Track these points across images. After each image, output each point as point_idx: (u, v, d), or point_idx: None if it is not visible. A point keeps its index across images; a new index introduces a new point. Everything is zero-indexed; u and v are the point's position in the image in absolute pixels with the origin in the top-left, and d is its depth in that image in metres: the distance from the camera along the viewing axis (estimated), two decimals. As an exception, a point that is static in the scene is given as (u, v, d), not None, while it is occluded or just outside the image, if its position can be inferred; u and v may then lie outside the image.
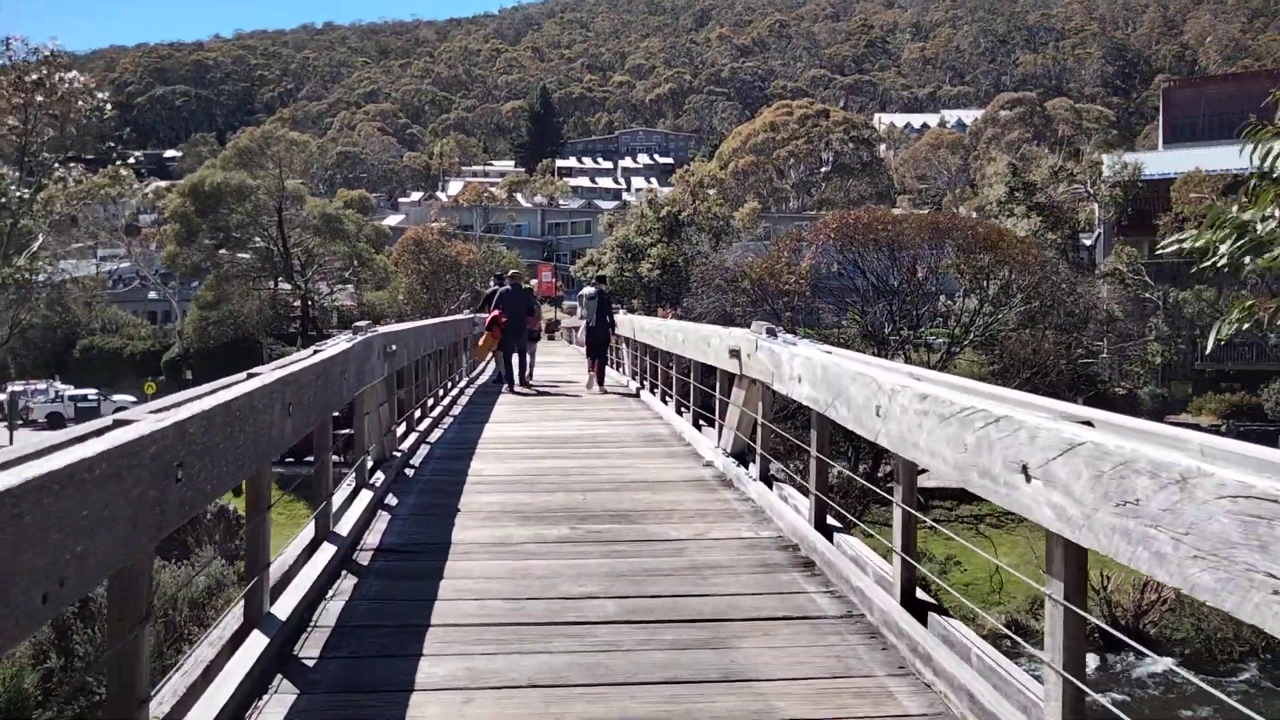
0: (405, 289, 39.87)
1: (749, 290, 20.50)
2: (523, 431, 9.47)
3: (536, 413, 11.29)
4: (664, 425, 9.64)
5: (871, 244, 19.13)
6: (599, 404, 12.19)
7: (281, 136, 39.98)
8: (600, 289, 14.25)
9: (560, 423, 10.23)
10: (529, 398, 13.18)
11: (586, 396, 13.09)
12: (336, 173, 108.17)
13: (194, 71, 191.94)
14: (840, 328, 19.96)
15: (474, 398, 12.86)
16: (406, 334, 7.44)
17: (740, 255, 24.37)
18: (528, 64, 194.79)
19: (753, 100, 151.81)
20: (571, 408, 11.94)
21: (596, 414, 11.06)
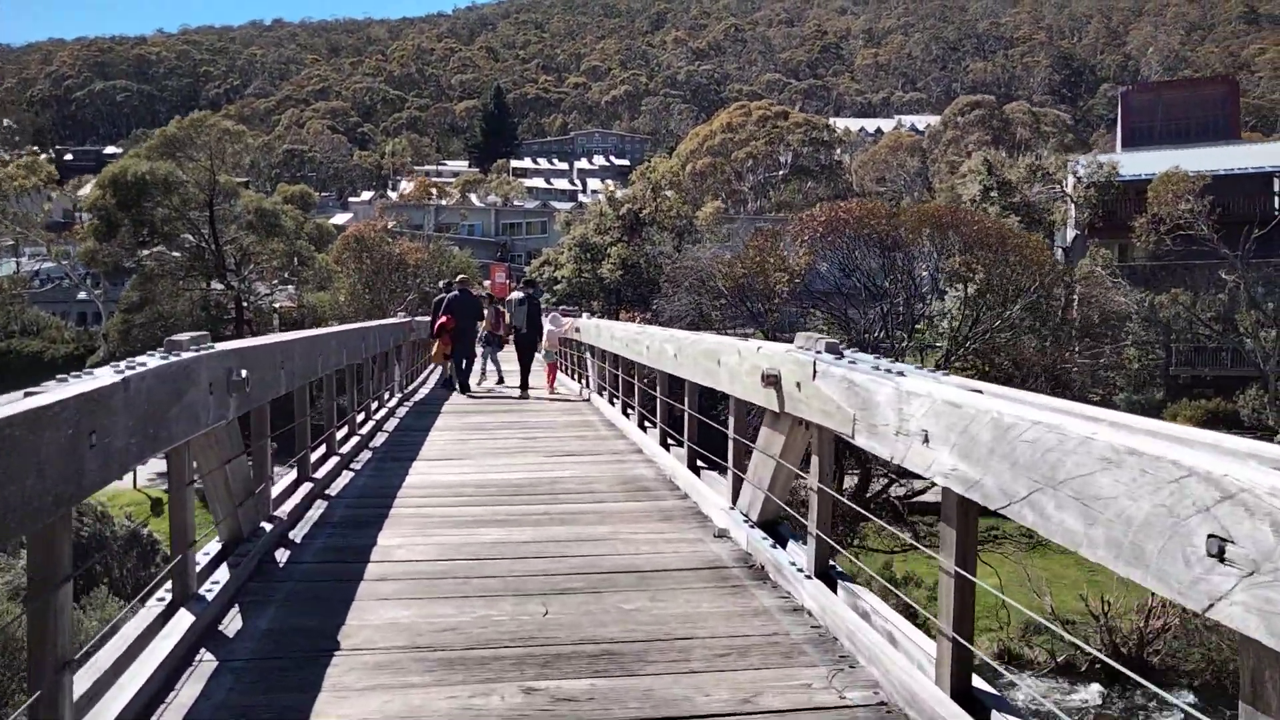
0: (347, 290, 37.27)
1: (725, 291, 18.61)
2: (460, 474, 7.25)
3: (480, 440, 9.17)
4: (646, 463, 7.59)
5: (864, 239, 17.29)
6: (559, 428, 10.10)
7: (214, 125, 37.08)
8: (529, 294, 14.31)
9: (511, 457, 8.09)
10: (472, 416, 11.11)
11: (546, 417, 11.03)
12: (284, 171, 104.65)
13: (136, 66, 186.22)
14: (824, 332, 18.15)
15: (406, 420, 10.67)
16: (276, 350, 5.14)
17: (717, 253, 22.41)
18: (482, 64, 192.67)
19: (709, 103, 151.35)
20: (525, 432, 9.83)
21: (558, 443, 8.96)
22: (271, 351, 5.04)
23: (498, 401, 13.28)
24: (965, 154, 75.14)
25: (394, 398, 11.66)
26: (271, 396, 4.97)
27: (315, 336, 6.69)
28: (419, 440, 8.90)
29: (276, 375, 5.06)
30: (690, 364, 5.97)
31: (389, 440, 9.07)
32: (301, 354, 5.70)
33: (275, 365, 5.02)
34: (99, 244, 33.99)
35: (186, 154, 36.85)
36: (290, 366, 5.34)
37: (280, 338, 6.31)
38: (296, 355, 5.57)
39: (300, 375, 5.76)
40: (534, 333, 14.16)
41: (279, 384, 5.13)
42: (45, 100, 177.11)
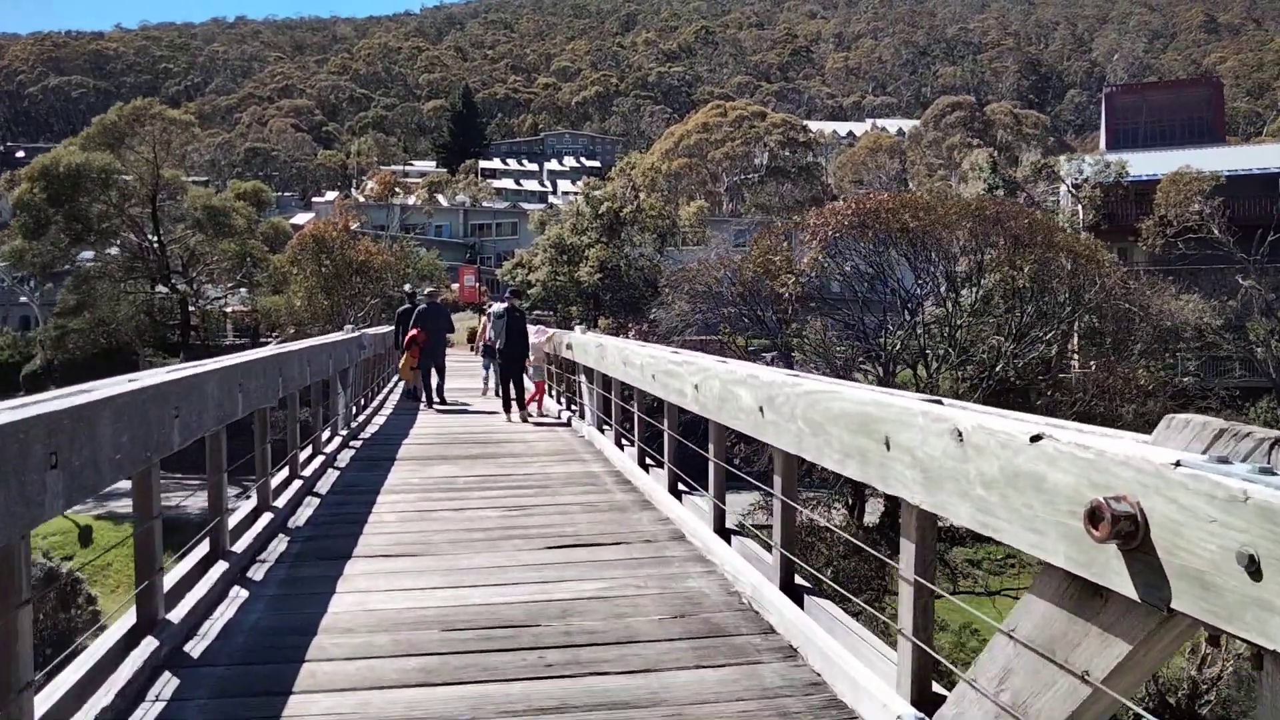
0: (304, 293, 34.48)
1: (731, 298, 16.29)
2: (416, 594, 4.52)
3: (448, 510, 6.66)
4: (705, 569, 5.07)
5: (895, 235, 15.01)
6: (555, 487, 7.60)
7: (158, 114, 34.12)
8: (513, 305, 12.51)
9: (494, 549, 5.47)
10: (436, 466, 8.62)
11: (535, 466, 8.54)
12: (246, 170, 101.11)
13: (92, 62, 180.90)
14: (837, 342, 15.89)
15: (349, 476, 8.09)
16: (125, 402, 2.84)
17: (724, 254, 20.01)
18: (450, 63, 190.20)
19: (680, 105, 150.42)
20: (509, 495, 7.36)
21: (561, 518, 6.35)
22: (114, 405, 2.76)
23: (470, 435, 10.86)
24: (946, 155, 73.66)
25: (334, 438, 9.15)
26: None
27: (193, 377, 4.24)
28: (361, 514, 6.42)
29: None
30: (817, 439, 3.61)
31: (318, 514, 6.57)
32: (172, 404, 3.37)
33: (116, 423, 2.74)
34: (27, 242, 30.95)
35: (129, 145, 33.87)
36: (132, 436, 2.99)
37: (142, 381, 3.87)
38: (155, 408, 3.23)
39: (156, 446, 3.41)
40: (518, 349, 12.17)
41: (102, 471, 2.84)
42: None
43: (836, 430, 3.50)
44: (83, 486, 2.90)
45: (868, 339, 15.69)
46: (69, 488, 2.77)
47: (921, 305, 15.46)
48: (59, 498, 2.71)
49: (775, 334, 16.08)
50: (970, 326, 14.66)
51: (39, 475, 2.59)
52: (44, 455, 2.63)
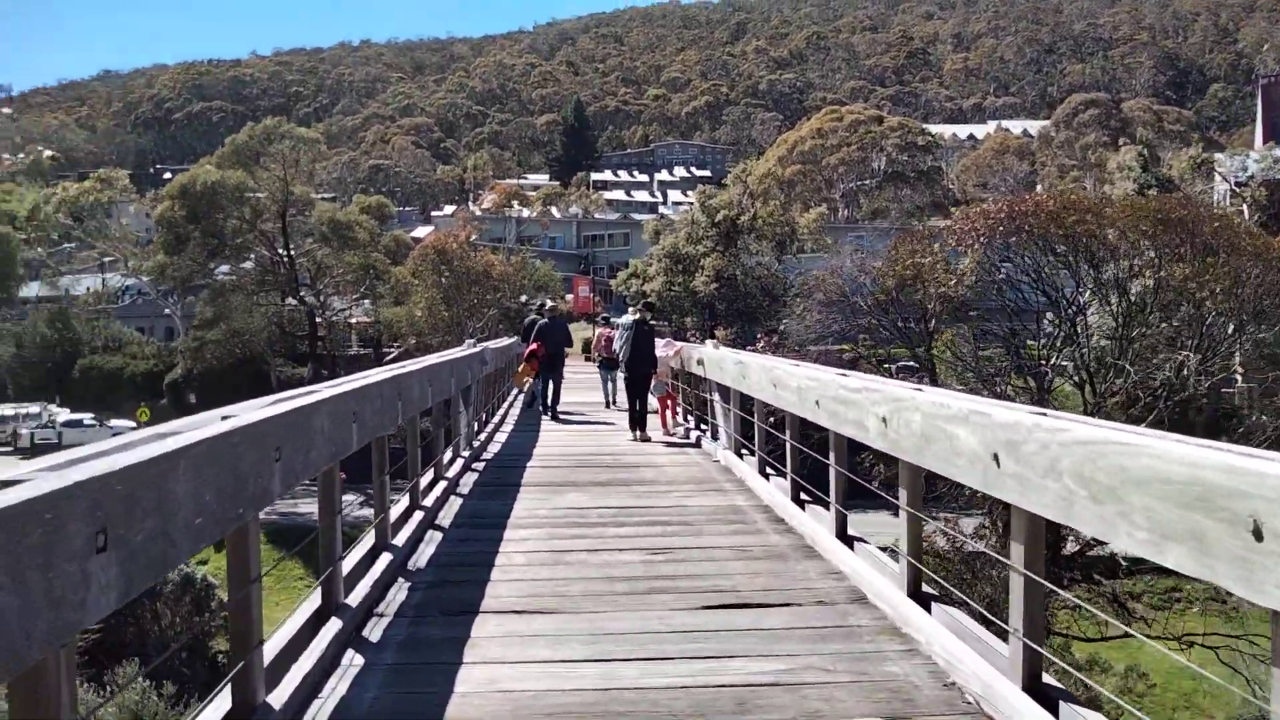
0: (425, 304, 34.86)
1: (868, 308, 15.08)
2: (554, 668, 3.78)
3: (583, 553, 5.86)
4: (904, 646, 4.04)
5: (1053, 239, 13.50)
6: (700, 523, 6.71)
7: (287, 132, 35.25)
8: (642, 318, 11.72)
9: (643, 606, 4.54)
10: (566, 494, 7.88)
11: (672, 497, 7.66)
12: (369, 186, 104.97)
13: (231, 88, 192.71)
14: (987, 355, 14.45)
15: (472, 504, 7.39)
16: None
17: (861, 259, 18.77)
18: (562, 78, 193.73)
19: (792, 112, 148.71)
20: (649, 531, 6.52)
21: (712, 567, 5.37)
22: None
23: (596, 457, 10.12)
24: (1079, 156, 69.49)
25: (456, 460, 8.53)
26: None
27: (297, 411, 3.55)
28: (487, 554, 5.69)
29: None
30: (1104, 508, 2.64)
31: (440, 552, 5.87)
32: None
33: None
34: (169, 258, 32.36)
35: (261, 164, 35.07)
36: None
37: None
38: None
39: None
40: (644, 364, 11.44)
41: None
42: (148, 121, 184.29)
43: (1144, 500, 2.49)
44: (148, 565, 2.21)
45: (1019, 352, 14.20)
46: (125, 573, 2.07)
47: (1083, 314, 13.89)
48: (109, 589, 2.01)
49: (917, 345, 14.78)
50: (1144, 339, 12.99)
51: (77, 565, 1.88)
52: (86, 536, 1.92)
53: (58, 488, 1.84)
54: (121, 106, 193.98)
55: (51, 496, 1.81)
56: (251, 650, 3.19)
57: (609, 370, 16.17)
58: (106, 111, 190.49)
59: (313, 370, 39.56)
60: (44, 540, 1.77)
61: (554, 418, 14.11)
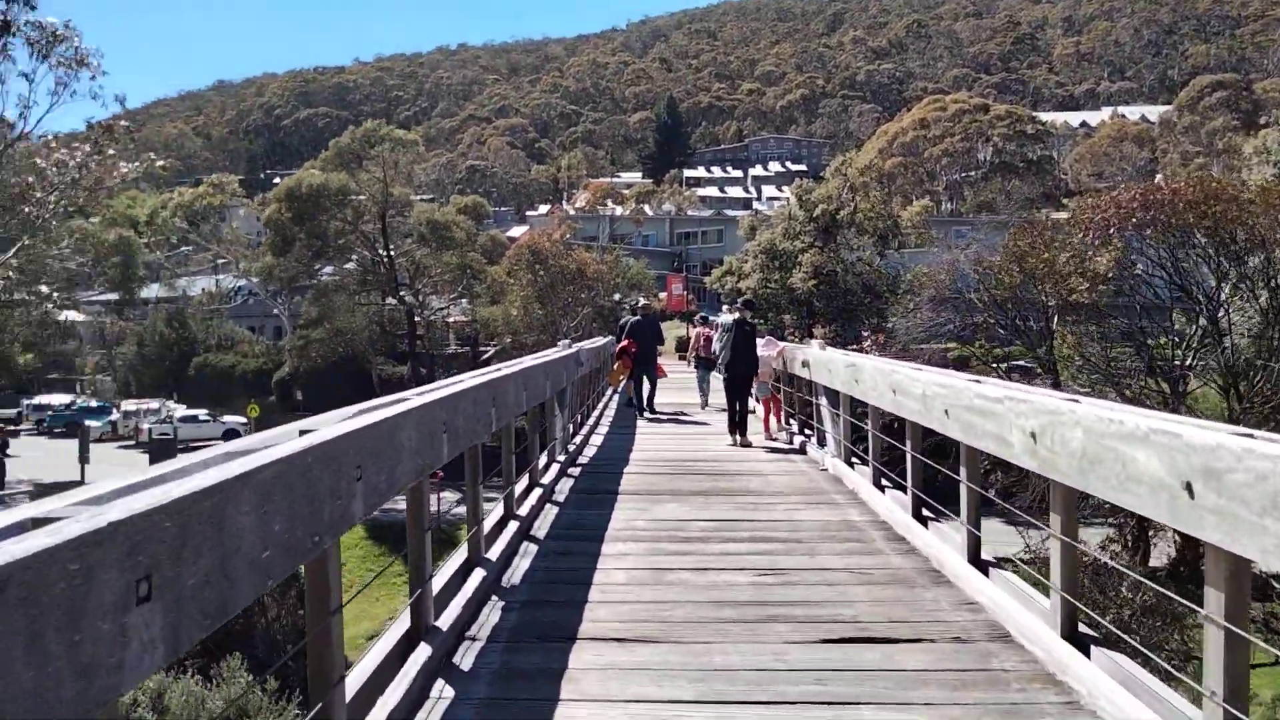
0: (520, 303, 35.07)
1: (983, 305, 14.15)
2: (666, 715, 3.38)
3: (687, 571, 5.42)
4: (1064, 699, 3.33)
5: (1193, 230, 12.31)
6: (811, 540, 6.16)
7: (386, 134, 36.00)
8: (743, 318, 11.21)
9: (755, 637, 4.13)
10: (665, 504, 7.50)
11: (779, 511, 7.14)
12: (466, 187, 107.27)
13: (336, 94, 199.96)
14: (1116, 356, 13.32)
15: (568, 513, 7.04)
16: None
17: (975, 253, 17.75)
18: (655, 75, 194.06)
19: (891, 103, 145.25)
20: (756, 549, 6.07)
21: (831, 593, 4.83)
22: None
23: (696, 462, 9.69)
24: (1205, 141, 65.27)
25: (552, 465, 8.23)
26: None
27: (381, 424, 3.24)
28: (584, 571, 5.32)
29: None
30: None
31: (536, 567, 5.52)
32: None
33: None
34: (276, 259, 33.45)
35: (362, 167, 35.91)
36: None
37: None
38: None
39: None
40: (746, 366, 10.95)
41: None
42: (258, 129, 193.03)
43: None
44: (202, 613, 1.89)
45: (1149, 352, 13.07)
46: (173, 625, 1.76)
47: (1226, 311, 12.68)
48: (154, 645, 1.70)
49: (1037, 345, 13.78)
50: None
51: (112, 621, 1.57)
52: (124, 585, 1.61)
53: (86, 531, 1.53)
54: (234, 114, 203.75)
55: (78, 543, 1.50)
56: (332, 689, 2.89)
57: (706, 370, 16.01)
58: (220, 120, 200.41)
59: (412, 369, 40.37)
60: (67, 595, 1.46)
61: (650, 414, 14.07)
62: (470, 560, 5.13)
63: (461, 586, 4.78)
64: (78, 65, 16.84)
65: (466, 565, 5.09)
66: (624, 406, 15.62)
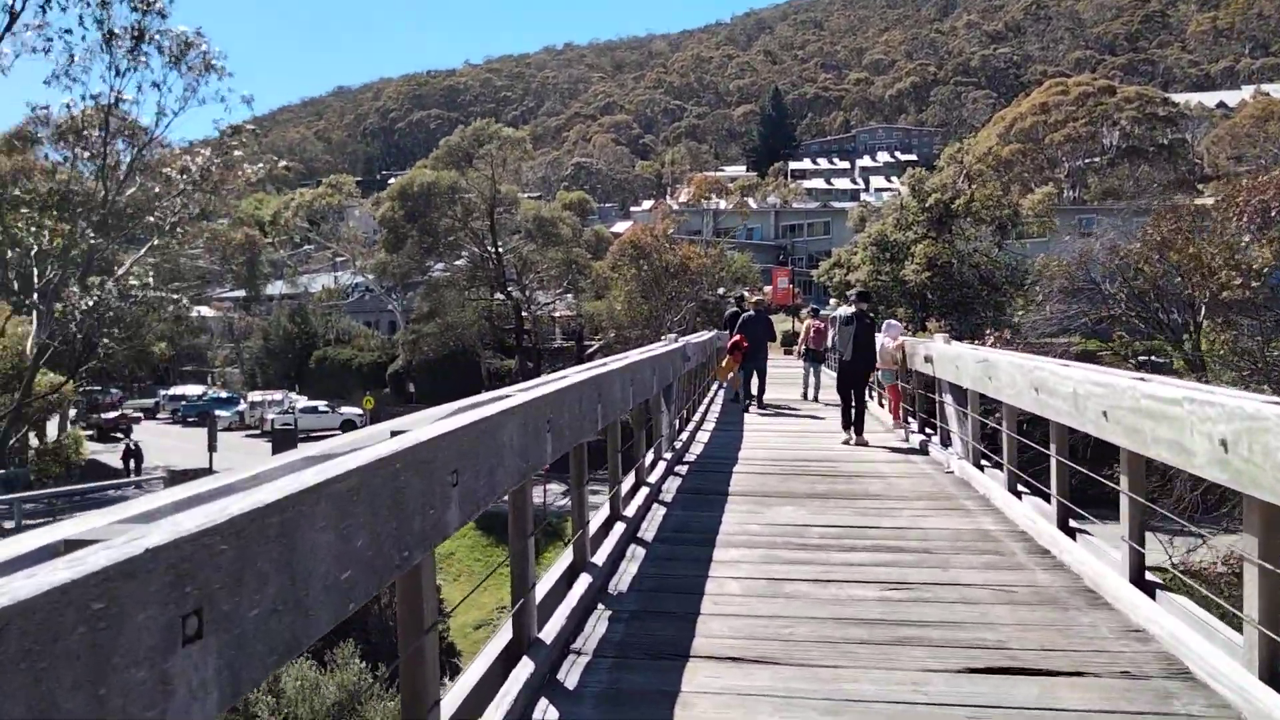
0: (624, 297, 35.01)
1: (1124, 297, 13.08)
2: None
3: (811, 584, 4.99)
4: None
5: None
6: (943, 550, 5.60)
7: (495, 132, 36.49)
8: (861, 310, 10.66)
9: (884, 671, 3.60)
10: (780, 507, 7.08)
11: (904, 517, 6.59)
12: (572, 184, 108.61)
13: (446, 96, 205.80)
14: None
15: (675, 514, 6.66)
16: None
17: (1111, 241, 16.49)
18: (760, 67, 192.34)
19: (1007, 88, 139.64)
20: (885, 560, 5.60)
21: (981, 624, 4.22)
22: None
23: (809, 461, 9.20)
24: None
25: (658, 464, 7.89)
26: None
27: (480, 423, 2.95)
28: (695, 578, 4.95)
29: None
30: None
31: (644, 573, 5.16)
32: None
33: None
34: (389, 256, 34.36)
35: (471, 165, 36.54)
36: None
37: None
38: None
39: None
40: (864, 362, 10.45)
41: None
42: (375, 132, 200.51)
43: None
44: (268, 648, 1.62)
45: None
46: (231, 666, 1.49)
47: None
48: (206, 691, 1.43)
49: (1181, 339, 12.65)
50: None
51: (149, 668, 1.30)
52: (167, 623, 1.35)
53: (116, 561, 1.26)
54: (352, 118, 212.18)
55: (104, 575, 1.23)
56: (427, 713, 2.62)
57: (814, 363, 15.84)
58: (340, 124, 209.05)
59: (519, 362, 40.91)
60: (89, 641, 1.19)
61: (758, 408, 13.95)
62: (575, 565, 4.85)
63: (566, 594, 4.50)
64: (206, 70, 17.50)
65: (571, 570, 4.82)
66: (730, 401, 15.37)
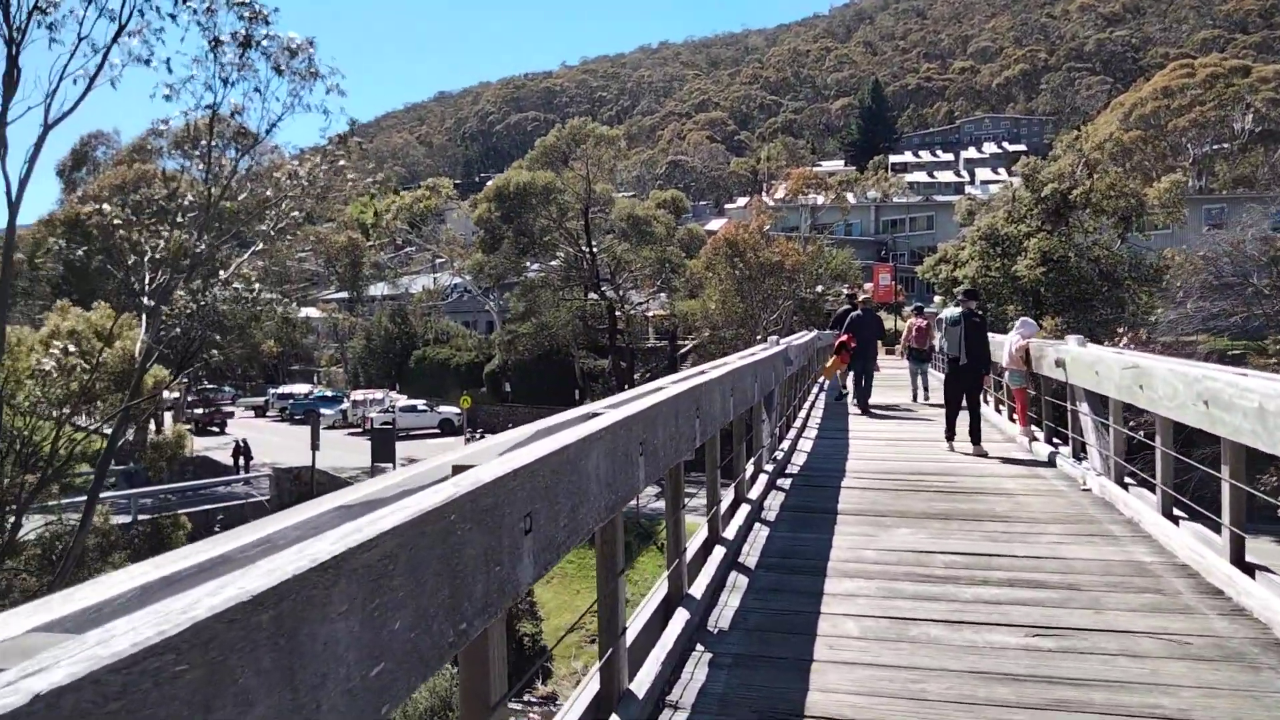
0: (719, 296, 34.37)
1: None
2: None
3: (936, 635, 4.38)
4: None
5: None
6: (1093, 587, 4.83)
7: (590, 131, 36.34)
8: (969, 309, 9.82)
9: None
10: (895, 529, 6.41)
11: (1045, 550, 5.73)
12: (666, 183, 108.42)
13: (544, 98, 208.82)
14: None
15: (778, 537, 6.04)
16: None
17: (1263, 230, 15.04)
18: (859, 59, 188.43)
19: (1125, 73, 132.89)
20: (1015, 587, 4.90)
21: (1155, 687, 3.42)
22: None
23: (924, 474, 8.45)
24: None
25: (759, 477, 7.31)
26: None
27: (561, 452, 2.47)
28: (806, 615, 4.36)
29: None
30: None
31: (747, 607, 4.55)
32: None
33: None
34: (485, 256, 34.64)
35: (566, 165, 36.54)
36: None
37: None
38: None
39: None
40: (976, 364, 9.69)
41: None
42: (474, 135, 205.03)
43: None
44: None
45: None
46: None
47: None
48: None
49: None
50: None
51: None
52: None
53: None
54: (453, 123, 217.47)
55: None
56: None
57: (919, 363, 15.25)
58: (440, 128, 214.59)
59: (612, 362, 40.74)
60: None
61: (866, 412, 13.50)
62: (671, 597, 4.35)
63: (661, 634, 4.00)
64: (311, 77, 17.75)
65: (668, 603, 4.32)
66: (833, 403, 14.83)
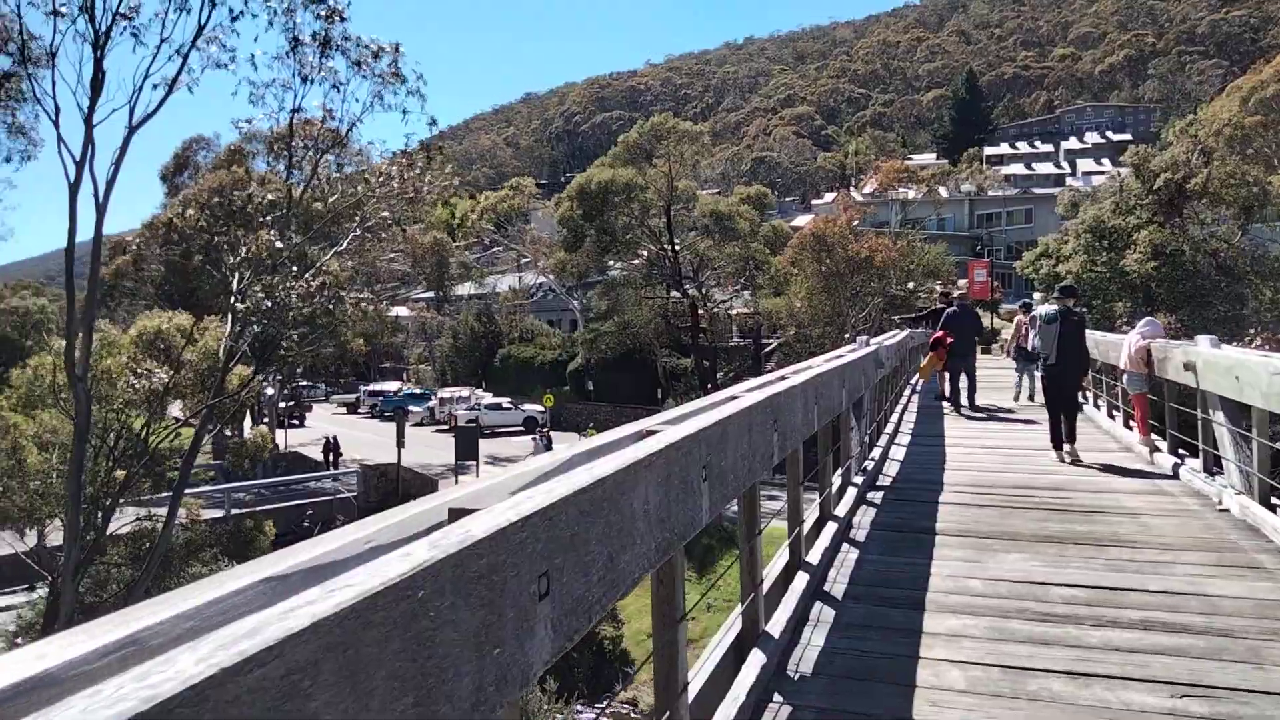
0: (805, 294, 33.43)
1: None
2: None
3: (1061, 694, 3.61)
4: None
5: None
6: (1247, 630, 4.12)
7: (672, 127, 35.82)
8: (1067, 308, 9.16)
9: None
10: (1005, 554, 5.71)
11: (1181, 583, 4.95)
12: (752, 179, 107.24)
13: (629, 97, 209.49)
14: None
15: (868, 561, 5.44)
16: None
17: None
18: (951, 49, 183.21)
19: (1241, 55, 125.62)
20: (1150, 631, 4.21)
21: None
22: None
23: (1032, 488, 7.68)
24: None
25: (847, 490, 6.68)
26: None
27: (616, 476, 1.99)
28: (903, 662, 3.73)
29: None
30: None
31: (833, 649, 3.93)
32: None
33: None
34: (568, 255, 34.54)
35: (649, 162, 36.17)
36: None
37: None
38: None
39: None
40: (1072, 365, 9.01)
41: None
42: (559, 135, 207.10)
43: None
44: None
45: None
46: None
47: None
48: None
49: None
50: None
51: None
52: None
53: None
54: (539, 124, 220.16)
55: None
56: None
57: (1026, 363, 14.63)
58: (527, 129, 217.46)
59: (695, 361, 40.17)
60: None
61: (966, 413, 13.04)
62: (744, 636, 3.81)
63: (734, 679, 3.48)
64: (394, 79, 17.74)
65: (741, 642, 3.79)
66: (928, 404, 14.20)
